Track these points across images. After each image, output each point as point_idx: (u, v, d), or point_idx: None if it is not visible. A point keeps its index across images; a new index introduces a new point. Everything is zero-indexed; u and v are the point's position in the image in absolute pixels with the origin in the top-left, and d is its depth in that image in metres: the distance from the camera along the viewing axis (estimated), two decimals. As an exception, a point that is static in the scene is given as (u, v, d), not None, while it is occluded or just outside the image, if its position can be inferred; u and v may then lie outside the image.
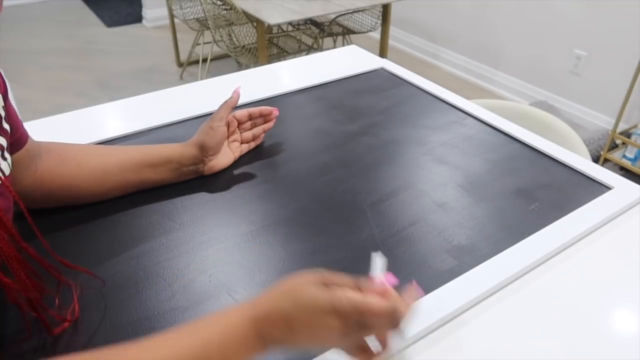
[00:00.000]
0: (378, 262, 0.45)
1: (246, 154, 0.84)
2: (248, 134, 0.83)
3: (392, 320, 0.41)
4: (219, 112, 0.76)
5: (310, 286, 0.42)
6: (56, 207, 0.70)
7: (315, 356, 0.51)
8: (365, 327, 0.41)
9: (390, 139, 0.89)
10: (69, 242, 0.65)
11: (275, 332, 0.42)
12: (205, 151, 0.74)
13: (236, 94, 0.79)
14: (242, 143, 0.83)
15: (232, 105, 0.78)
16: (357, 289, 0.43)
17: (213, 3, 2.51)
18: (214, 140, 0.74)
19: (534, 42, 2.82)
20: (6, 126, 0.56)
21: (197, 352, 0.40)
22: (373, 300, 0.41)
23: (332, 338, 0.42)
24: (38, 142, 0.67)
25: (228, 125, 0.79)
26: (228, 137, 0.80)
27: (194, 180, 0.77)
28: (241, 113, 0.82)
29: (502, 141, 0.89)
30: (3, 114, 0.55)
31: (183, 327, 0.42)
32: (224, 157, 0.79)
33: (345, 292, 0.41)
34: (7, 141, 0.55)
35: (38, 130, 0.92)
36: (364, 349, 0.44)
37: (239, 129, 0.83)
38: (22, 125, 0.62)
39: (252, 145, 0.85)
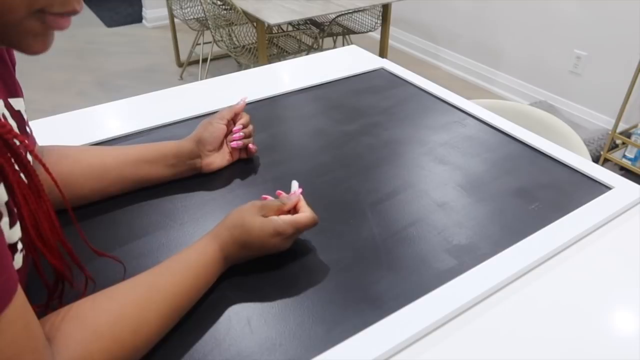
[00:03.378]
0: (294, 184, 0.67)
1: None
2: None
3: (315, 225, 0.62)
4: (222, 112, 0.78)
5: (255, 216, 0.59)
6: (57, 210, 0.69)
7: (315, 356, 0.51)
8: (296, 234, 0.61)
9: (390, 139, 0.89)
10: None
11: (235, 254, 0.59)
12: (202, 145, 0.75)
13: (243, 102, 0.80)
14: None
15: (237, 110, 0.79)
16: (282, 208, 0.61)
17: (213, 3, 2.51)
18: (212, 135, 0.75)
19: (534, 42, 2.82)
20: (29, 129, 0.57)
21: (194, 283, 0.55)
22: (301, 219, 0.60)
23: (276, 248, 0.60)
24: (41, 146, 0.69)
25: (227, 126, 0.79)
26: (226, 136, 0.80)
27: (194, 180, 0.77)
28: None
29: (502, 141, 0.89)
30: (26, 117, 0.56)
31: (173, 265, 0.55)
32: (222, 156, 0.79)
33: (281, 217, 0.59)
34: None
35: (38, 130, 0.92)
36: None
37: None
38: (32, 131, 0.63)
39: (249, 144, 0.82)
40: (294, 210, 0.63)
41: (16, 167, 0.42)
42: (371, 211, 0.72)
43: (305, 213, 0.61)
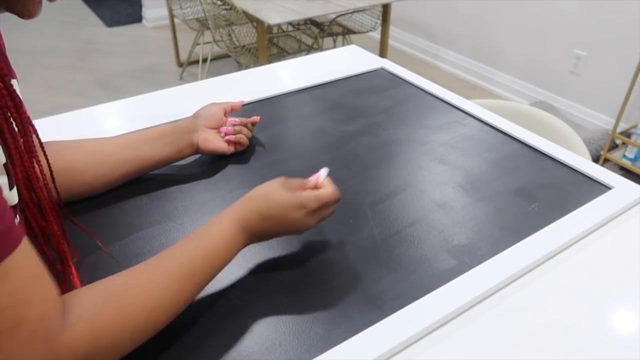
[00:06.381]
0: (323, 172, 0.62)
1: (246, 153, 0.84)
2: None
3: (337, 201, 0.60)
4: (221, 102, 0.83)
5: (279, 189, 0.57)
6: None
7: (315, 356, 0.51)
8: (321, 211, 0.59)
9: (390, 139, 0.89)
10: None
11: (256, 226, 0.56)
12: (198, 119, 0.79)
13: (240, 102, 0.85)
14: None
15: (234, 105, 0.84)
16: (305, 185, 0.60)
17: (213, 3, 2.51)
18: (207, 112, 0.80)
19: (534, 42, 2.82)
20: (28, 112, 0.58)
21: (208, 249, 0.53)
22: (325, 192, 0.59)
23: (299, 225, 0.57)
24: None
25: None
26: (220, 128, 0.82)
27: (194, 181, 0.77)
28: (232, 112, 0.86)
29: (502, 141, 0.89)
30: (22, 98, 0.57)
31: (187, 237, 0.53)
32: (219, 138, 0.80)
33: (305, 191, 0.58)
34: None
35: (38, 130, 0.92)
36: None
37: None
38: None
39: (242, 139, 0.83)
40: (316, 189, 0.61)
41: (14, 125, 0.45)
42: (371, 211, 0.72)
43: (327, 188, 0.60)
